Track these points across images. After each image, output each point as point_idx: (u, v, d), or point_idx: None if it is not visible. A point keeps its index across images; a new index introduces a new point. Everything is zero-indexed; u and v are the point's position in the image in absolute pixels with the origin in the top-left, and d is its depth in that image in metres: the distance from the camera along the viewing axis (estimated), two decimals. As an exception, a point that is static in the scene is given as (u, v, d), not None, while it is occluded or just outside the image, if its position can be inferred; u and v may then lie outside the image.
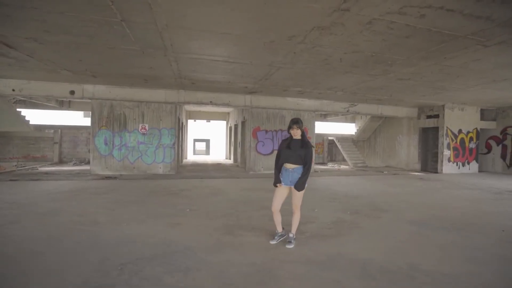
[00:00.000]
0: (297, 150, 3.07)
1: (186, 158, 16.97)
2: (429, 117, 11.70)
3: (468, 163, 11.45)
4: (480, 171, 11.71)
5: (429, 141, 12.11)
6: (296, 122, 3.08)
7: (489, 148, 11.88)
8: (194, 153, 29.09)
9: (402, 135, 13.10)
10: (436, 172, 11.19)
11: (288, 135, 3.28)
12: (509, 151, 11.22)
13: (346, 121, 17.06)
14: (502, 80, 7.00)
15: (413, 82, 7.35)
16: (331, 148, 17.12)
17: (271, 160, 10.46)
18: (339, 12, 3.67)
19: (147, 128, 9.31)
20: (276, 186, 3.27)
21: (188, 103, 9.55)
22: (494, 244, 3.40)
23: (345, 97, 10.03)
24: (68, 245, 3.08)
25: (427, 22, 3.88)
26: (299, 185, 3.06)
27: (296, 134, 3.09)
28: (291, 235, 3.22)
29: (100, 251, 2.91)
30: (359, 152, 15.14)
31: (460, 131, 11.15)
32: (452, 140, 11.05)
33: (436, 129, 11.49)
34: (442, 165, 11.01)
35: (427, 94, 9.13)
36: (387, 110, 11.71)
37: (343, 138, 15.67)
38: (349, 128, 17.51)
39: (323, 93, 9.37)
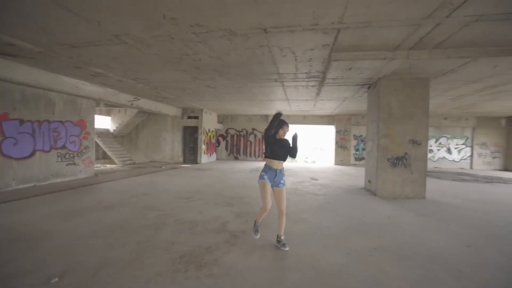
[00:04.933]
0: (283, 148, 3.27)
1: None
2: (190, 117, 14.19)
3: (212, 154, 15.68)
4: (217, 159, 16.55)
5: (186, 138, 14.68)
6: (287, 124, 3.31)
7: (219, 142, 17.07)
8: None
9: (167, 132, 14.45)
10: (196, 163, 14.02)
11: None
12: (229, 144, 17.06)
13: (101, 113, 14.79)
14: (246, 100, 10.96)
15: (213, 90, 9.00)
16: (82, 144, 13.96)
17: (31, 167, 6.81)
18: (262, 30, 4.21)
19: None
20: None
21: None
22: (320, 198, 6.02)
23: (139, 91, 9.21)
24: None
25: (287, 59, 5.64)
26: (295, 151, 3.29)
27: (284, 135, 3.30)
28: (283, 237, 3.28)
29: None
30: (123, 149, 14.06)
31: (209, 130, 14.90)
32: (205, 137, 14.49)
33: (192, 128, 14.28)
34: (201, 157, 14.04)
35: (204, 100, 11.33)
36: (163, 108, 12.39)
37: (103, 133, 13.59)
38: (105, 122, 15.31)
39: (123, 82, 7.93)
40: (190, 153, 14.56)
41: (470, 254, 3.19)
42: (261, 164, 14.52)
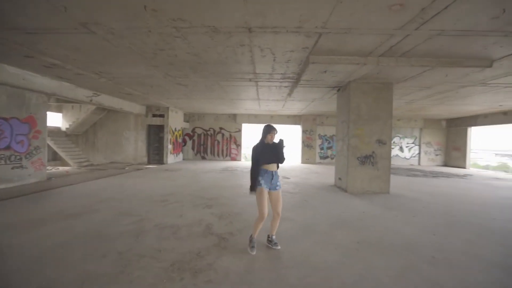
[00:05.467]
0: (273, 151, 3.21)
1: None
2: (155, 115, 13.44)
3: (178, 154, 15.05)
4: (183, 159, 15.95)
5: (151, 137, 13.88)
6: (275, 129, 3.27)
7: (185, 142, 16.46)
8: None
9: (129, 131, 13.47)
10: (162, 163, 13.35)
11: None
12: (196, 144, 16.57)
13: (50, 109, 13.15)
14: (217, 98, 10.78)
15: (184, 87, 8.62)
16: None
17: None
18: (246, 29, 4.17)
19: None
20: (254, 190, 3.15)
21: None
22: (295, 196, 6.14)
23: (101, 86, 8.42)
24: None
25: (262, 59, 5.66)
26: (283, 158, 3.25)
27: (273, 139, 3.25)
28: (274, 237, 3.32)
29: None
30: (78, 149, 12.71)
31: (175, 129, 14.28)
32: (172, 136, 13.86)
33: (157, 126, 13.58)
34: (167, 157, 13.39)
35: (172, 98, 10.81)
36: (126, 105, 11.50)
37: (54, 132, 12.12)
38: (55, 119, 13.61)
39: (83, 75, 7.15)
40: (155, 153, 13.83)
41: (437, 242, 3.59)
42: (231, 163, 14.40)
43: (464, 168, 14.61)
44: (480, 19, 3.69)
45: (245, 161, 16.65)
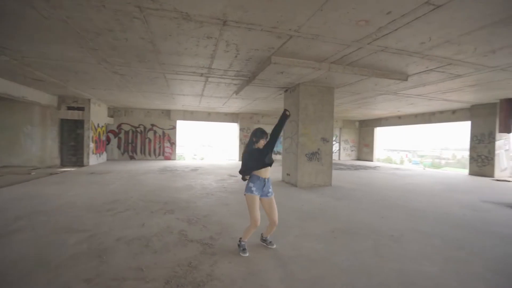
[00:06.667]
0: (262, 156, 3.02)
1: None
2: (71, 108, 11.14)
3: (102, 154, 12.94)
4: (108, 159, 13.78)
5: (64, 134, 11.48)
6: (267, 133, 3.10)
7: (109, 140, 14.26)
8: None
9: (32, 126, 10.75)
10: (82, 165, 11.23)
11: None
12: (122, 142, 14.58)
13: None
14: (156, 92, 9.85)
15: (119, 77, 7.45)
16: None
17: None
18: (221, 21, 3.96)
19: None
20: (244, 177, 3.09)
21: None
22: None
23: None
24: None
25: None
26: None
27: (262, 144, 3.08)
28: (269, 237, 3.35)
29: None
30: (-51, 150, 9.29)
31: (99, 125, 12.22)
32: (94, 133, 11.80)
33: (73, 121, 11.36)
34: (88, 158, 11.33)
35: (98, 88, 9.19)
36: (31, 94, 9.05)
37: None
38: None
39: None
40: (71, 154, 11.51)
41: (388, 223, 4.31)
42: (167, 163, 13.37)
43: (372, 161, 17.84)
44: (413, 42, 4.57)
45: (181, 160, 15.73)
